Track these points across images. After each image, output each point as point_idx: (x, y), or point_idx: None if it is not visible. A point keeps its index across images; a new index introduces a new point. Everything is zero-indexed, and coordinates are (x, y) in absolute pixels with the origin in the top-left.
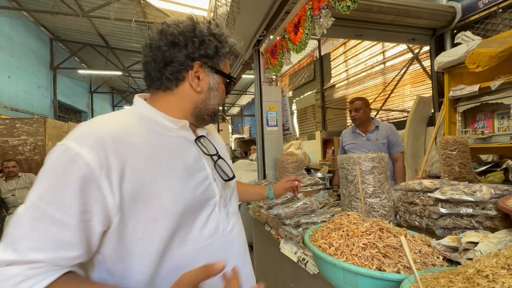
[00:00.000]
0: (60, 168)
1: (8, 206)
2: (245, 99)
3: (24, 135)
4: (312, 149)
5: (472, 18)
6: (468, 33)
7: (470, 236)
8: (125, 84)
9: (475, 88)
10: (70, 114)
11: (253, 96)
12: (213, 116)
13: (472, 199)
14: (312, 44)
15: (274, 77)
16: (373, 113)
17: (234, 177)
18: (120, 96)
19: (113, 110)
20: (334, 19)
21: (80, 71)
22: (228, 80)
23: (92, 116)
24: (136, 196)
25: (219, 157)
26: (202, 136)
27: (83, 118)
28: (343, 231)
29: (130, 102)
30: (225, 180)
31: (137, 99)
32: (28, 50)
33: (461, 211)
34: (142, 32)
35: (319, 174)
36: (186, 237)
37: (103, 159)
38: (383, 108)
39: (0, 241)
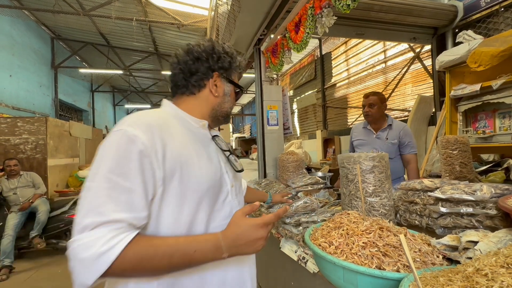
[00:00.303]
0: (122, 147)
1: (9, 205)
2: (245, 98)
3: (25, 133)
4: (312, 148)
5: (474, 17)
6: (470, 32)
7: (470, 235)
8: (126, 83)
9: (477, 87)
10: (71, 113)
11: (253, 95)
12: (226, 118)
13: (472, 198)
14: (313, 43)
15: (274, 76)
16: None
17: (243, 170)
18: (121, 95)
19: (114, 109)
20: (336, 17)
21: (81, 70)
22: (237, 89)
23: (93, 115)
24: (173, 173)
25: (231, 153)
26: (217, 135)
27: (84, 117)
28: (343, 230)
29: (131, 101)
30: (236, 171)
31: (166, 102)
32: (29, 49)
33: (461, 210)
34: (143, 31)
35: (319, 173)
36: (209, 214)
37: (152, 140)
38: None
39: (78, 211)
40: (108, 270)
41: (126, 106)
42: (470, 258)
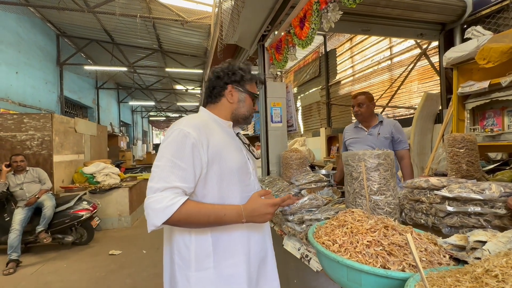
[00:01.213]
0: (180, 140)
1: (16, 200)
2: None
3: (31, 130)
4: (316, 146)
5: (483, 12)
6: (479, 27)
7: (478, 235)
8: (130, 80)
9: (485, 84)
10: (76, 110)
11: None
12: (245, 119)
13: (480, 197)
14: (317, 40)
15: (278, 73)
16: (379, 110)
17: (258, 158)
18: (125, 92)
19: (119, 106)
20: (342, 12)
21: (86, 67)
22: (252, 96)
23: (98, 112)
24: (214, 158)
25: (249, 146)
26: (239, 132)
27: (89, 113)
28: (347, 228)
29: (135, 98)
30: (256, 158)
31: (203, 109)
32: (35, 46)
33: (469, 210)
34: (147, 28)
35: (323, 171)
36: (240, 187)
37: (199, 136)
38: (389, 105)
39: (150, 180)
40: (170, 218)
41: (131, 103)
42: (479, 258)
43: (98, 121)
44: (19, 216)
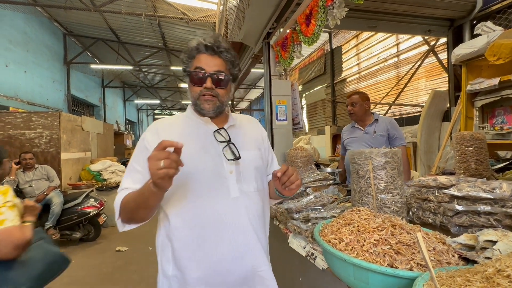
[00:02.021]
0: (139, 143)
1: (25, 196)
2: (254, 94)
3: (40, 128)
4: (321, 144)
5: (494, 7)
6: (489, 23)
7: (488, 234)
8: (135, 78)
9: (495, 81)
10: (83, 108)
11: (262, 91)
12: (197, 107)
13: (491, 196)
14: (323, 37)
15: (283, 71)
16: (385, 108)
17: (239, 158)
18: (131, 90)
19: (125, 104)
20: (348, 9)
21: (93, 66)
22: (189, 75)
23: (104, 110)
24: None
25: (228, 143)
26: (222, 128)
27: (95, 112)
28: (353, 227)
29: (141, 97)
30: (228, 160)
31: (188, 106)
32: (42, 45)
33: (479, 209)
34: (152, 26)
35: (328, 169)
36: (206, 195)
37: (153, 138)
38: (396, 102)
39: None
40: (120, 214)
41: (136, 101)
42: (489, 258)
43: (104, 119)
44: None
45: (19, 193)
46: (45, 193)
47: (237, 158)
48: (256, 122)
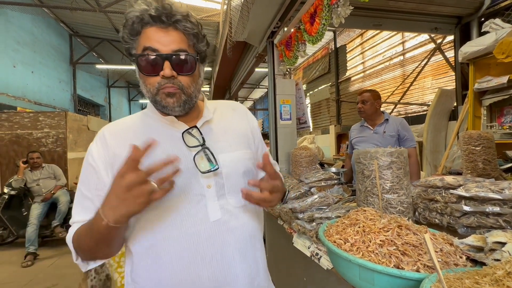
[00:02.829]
0: (85, 159)
1: (33, 195)
2: (258, 93)
3: (46, 128)
4: (325, 144)
5: (503, 4)
6: (498, 20)
7: (497, 235)
8: None
9: (504, 79)
10: (89, 108)
11: (266, 90)
12: (157, 105)
13: (499, 197)
14: (327, 35)
15: (288, 70)
16: (390, 107)
17: (217, 168)
18: (136, 90)
19: (129, 104)
20: (352, 7)
21: (98, 66)
22: (136, 60)
23: (110, 110)
24: None
25: (202, 148)
26: (194, 127)
27: (101, 111)
28: (359, 227)
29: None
30: (201, 172)
31: (148, 102)
32: (49, 46)
33: (487, 210)
34: None
35: (333, 169)
36: (173, 221)
37: (100, 151)
38: (401, 101)
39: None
40: (75, 251)
41: (141, 101)
42: (498, 260)
43: (110, 119)
44: (36, 211)
45: (27, 191)
46: (52, 192)
47: (214, 169)
48: (243, 109)
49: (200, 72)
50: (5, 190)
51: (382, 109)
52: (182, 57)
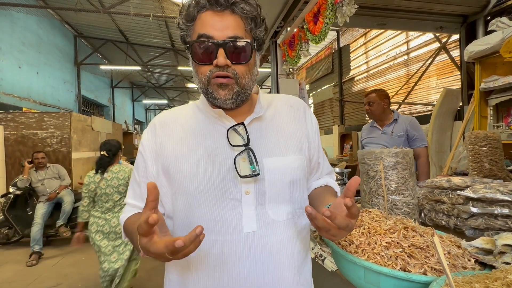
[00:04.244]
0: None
1: (38, 195)
2: None
3: (51, 128)
4: (329, 144)
5: (509, 2)
6: (504, 19)
7: (506, 238)
8: (144, 79)
9: (511, 79)
10: (93, 108)
11: (269, 90)
12: (208, 97)
13: (508, 199)
14: (330, 35)
15: (290, 70)
16: (394, 107)
17: (257, 174)
18: (139, 90)
19: (133, 104)
20: (357, 6)
21: (102, 67)
22: (190, 48)
23: (114, 110)
24: (167, 170)
25: (246, 148)
26: (240, 124)
27: (105, 112)
28: (364, 229)
29: (149, 97)
30: (241, 176)
31: (201, 94)
32: (54, 47)
33: (495, 211)
34: (160, 27)
35: (337, 169)
36: (204, 224)
37: (150, 139)
38: (405, 101)
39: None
40: (124, 230)
41: (144, 101)
42: (508, 263)
43: (114, 119)
44: (40, 210)
45: (32, 191)
46: (57, 192)
47: (254, 174)
48: (303, 106)
49: (256, 61)
50: (11, 190)
51: None
52: (238, 44)
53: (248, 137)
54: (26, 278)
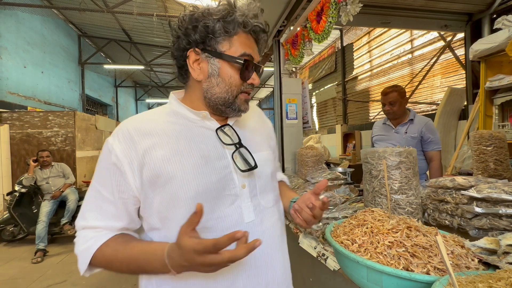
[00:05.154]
0: (103, 157)
1: (43, 193)
2: (263, 92)
3: (56, 127)
4: (332, 143)
5: None
6: (510, 17)
7: (511, 238)
8: (147, 78)
9: None
10: (97, 107)
11: (271, 89)
12: (229, 106)
13: None
14: (333, 34)
15: (293, 69)
16: None
17: (255, 167)
18: (142, 90)
19: (136, 103)
20: (362, 5)
21: (106, 66)
22: (239, 61)
23: (117, 109)
24: (154, 180)
25: (239, 146)
26: (227, 125)
27: (108, 111)
28: (367, 228)
29: (152, 96)
30: (241, 171)
31: (171, 96)
32: (58, 46)
33: (500, 211)
34: (163, 26)
35: (339, 169)
36: (204, 224)
37: (126, 150)
38: (409, 100)
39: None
40: (92, 264)
41: (147, 100)
42: None
43: (117, 118)
44: (45, 208)
45: (37, 189)
46: (61, 190)
47: (252, 167)
48: (260, 111)
49: None
50: (16, 188)
51: None
52: (262, 69)
53: (238, 136)
54: (31, 275)
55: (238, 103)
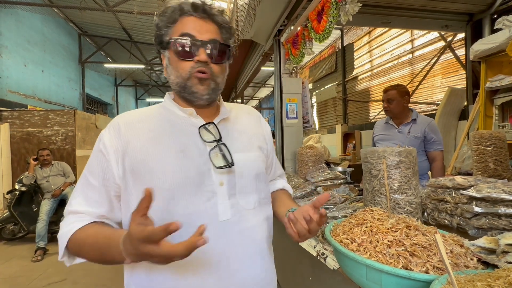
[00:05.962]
0: (95, 146)
1: (43, 192)
2: (264, 92)
3: (56, 125)
4: (332, 143)
5: None
6: (511, 17)
7: (510, 237)
8: (147, 77)
9: None
10: (97, 106)
11: (272, 89)
12: (185, 91)
13: None
14: (334, 34)
15: (294, 68)
16: None
17: (232, 164)
18: (142, 89)
19: (136, 102)
20: (361, 4)
21: (106, 65)
22: (173, 44)
23: (117, 108)
24: (135, 170)
25: (218, 144)
26: (211, 123)
27: (108, 110)
28: (366, 227)
29: (152, 95)
30: (216, 167)
31: (166, 95)
32: (59, 45)
33: (499, 211)
34: None
35: (339, 168)
36: (180, 218)
37: (112, 139)
38: (410, 100)
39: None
40: (68, 249)
41: (148, 99)
42: (511, 262)
43: None
44: (45, 207)
45: (37, 188)
46: (61, 189)
47: (228, 165)
48: (258, 115)
49: (226, 66)
50: (16, 187)
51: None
52: (217, 45)
53: (220, 134)
54: (31, 273)
55: (190, 86)
